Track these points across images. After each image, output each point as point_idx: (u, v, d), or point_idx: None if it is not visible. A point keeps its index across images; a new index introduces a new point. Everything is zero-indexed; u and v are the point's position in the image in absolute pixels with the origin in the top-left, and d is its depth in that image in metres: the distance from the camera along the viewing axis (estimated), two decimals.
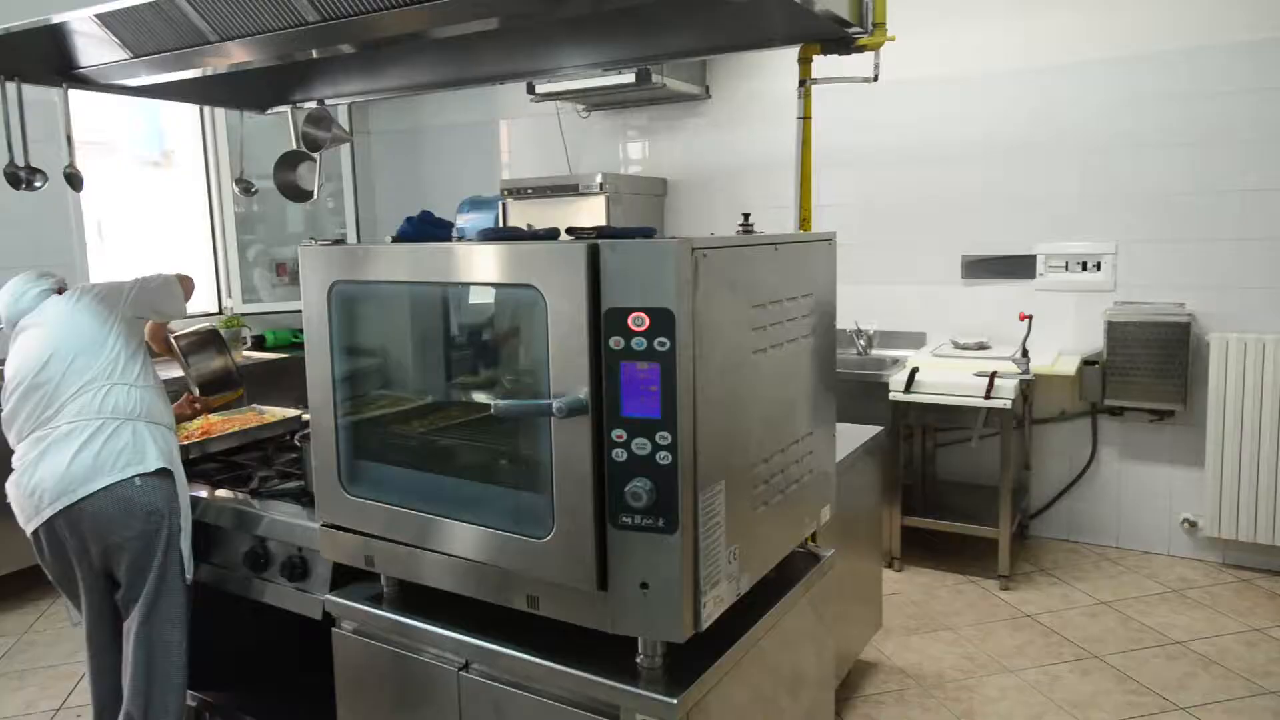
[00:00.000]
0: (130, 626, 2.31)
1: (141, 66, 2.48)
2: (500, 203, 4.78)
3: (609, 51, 2.66)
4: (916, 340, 4.57)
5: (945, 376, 3.80)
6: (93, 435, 2.24)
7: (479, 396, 1.82)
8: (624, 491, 1.49)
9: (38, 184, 3.03)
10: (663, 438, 1.47)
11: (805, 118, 2.34)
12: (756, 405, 1.73)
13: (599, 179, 4.57)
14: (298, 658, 2.84)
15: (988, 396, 3.63)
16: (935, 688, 3.06)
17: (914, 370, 3.82)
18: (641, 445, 1.48)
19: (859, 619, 2.99)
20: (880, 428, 3.04)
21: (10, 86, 2.78)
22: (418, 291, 1.81)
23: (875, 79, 2.31)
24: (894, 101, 4.40)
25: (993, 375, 3.65)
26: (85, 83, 2.80)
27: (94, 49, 2.43)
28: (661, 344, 1.46)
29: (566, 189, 4.66)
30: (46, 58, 2.55)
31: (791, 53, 2.38)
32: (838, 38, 2.22)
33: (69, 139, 3.16)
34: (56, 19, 2.12)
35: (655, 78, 4.46)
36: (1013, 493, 3.81)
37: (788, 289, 1.84)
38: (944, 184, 4.45)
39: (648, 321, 1.46)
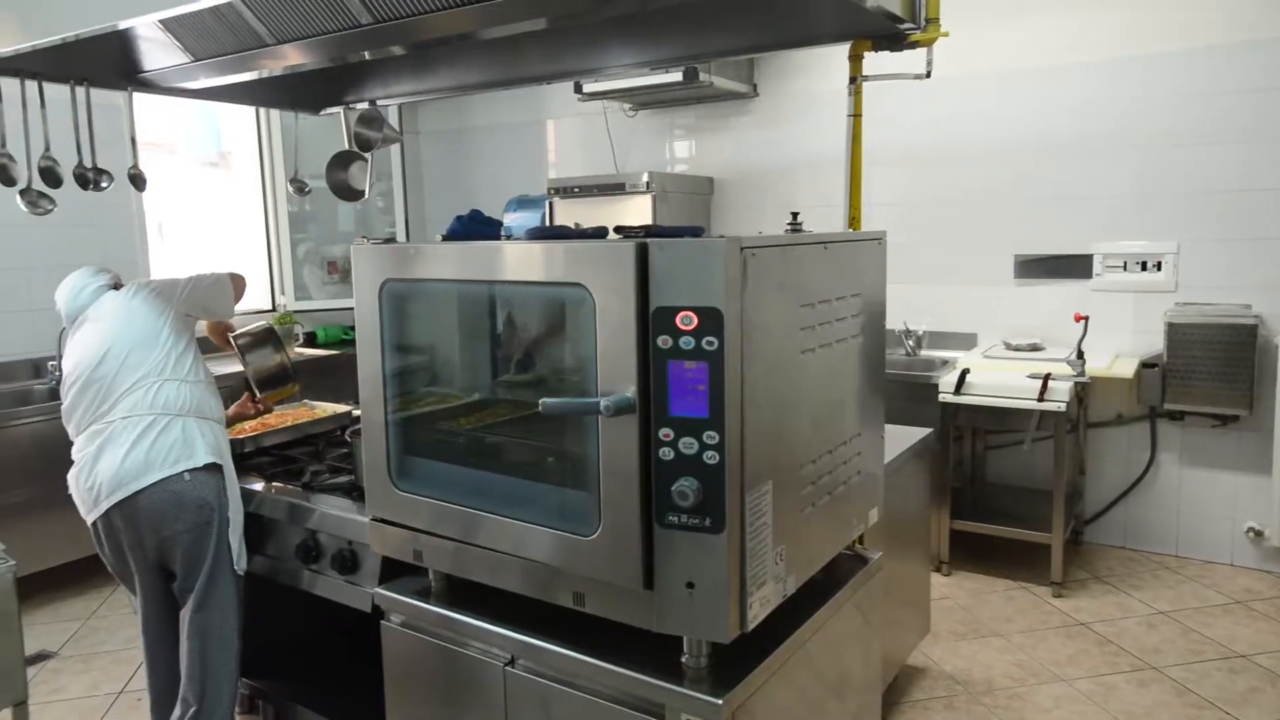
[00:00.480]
0: (185, 615, 2.38)
1: (201, 70, 2.55)
2: (547, 202, 4.81)
3: (657, 50, 2.65)
4: (967, 341, 4.49)
5: (997, 378, 3.72)
6: (145, 431, 2.30)
7: (526, 394, 1.83)
8: (670, 491, 1.48)
9: (104, 185, 3.12)
10: (710, 437, 1.47)
11: (855, 115, 2.31)
12: (804, 405, 1.71)
13: (645, 178, 4.56)
14: (348, 649, 2.89)
15: (1041, 399, 3.55)
16: (985, 694, 3.00)
17: (964, 371, 3.75)
18: (689, 445, 1.48)
19: (906, 623, 2.94)
20: (929, 430, 2.99)
21: (79, 91, 2.87)
22: (467, 289, 1.83)
23: (928, 75, 2.27)
24: (944, 98, 4.32)
25: (1046, 377, 3.56)
26: (148, 86, 2.88)
27: (157, 53, 2.50)
28: (709, 343, 1.45)
29: (613, 188, 4.67)
30: (113, 62, 2.63)
31: (841, 50, 2.35)
32: (890, 34, 2.19)
33: (133, 141, 3.26)
34: (123, 25, 2.19)
35: (703, 76, 4.44)
36: (1067, 497, 3.72)
37: (836, 288, 1.82)
38: (995, 181, 4.37)
39: (696, 320, 1.46)
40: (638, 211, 4.54)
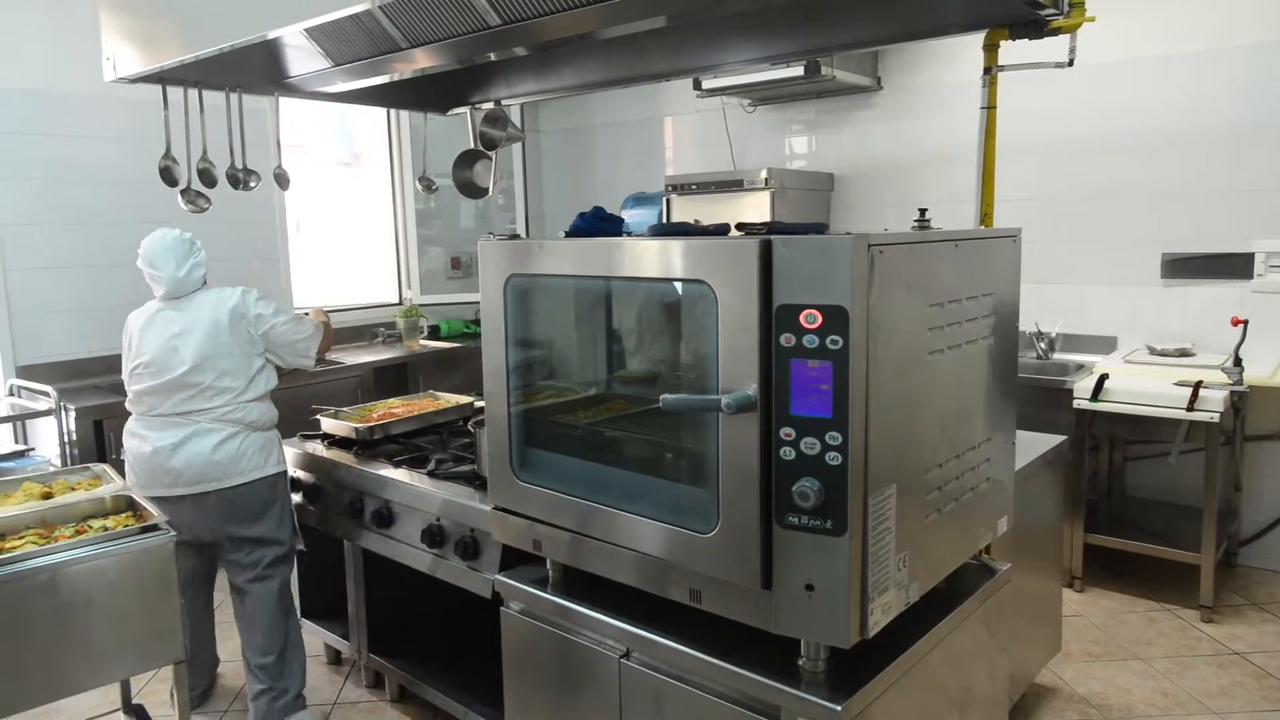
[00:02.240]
0: (250, 590, 2.79)
1: (339, 74, 2.68)
2: (664, 199, 4.82)
3: (778, 45, 2.62)
4: (1105, 345, 4.22)
5: (1140, 385, 3.49)
6: (228, 439, 2.69)
7: (644, 390, 1.84)
8: (791, 491, 1.46)
9: (253, 184, 3.34)
10: (833, 438, 1.44)
11: (990, 107, 2.21)
12: (931, 408, 1.65)
13: (764, 174, 4.51)
14: (468, 630, 2.99)
15: (1190, 408, 3.30)
16: None
17: (1103, 377, 3.53)
18: (810, 445, 1.45)
19: (1036, 640, 2.80)
20: (1063, 437, 2.83)
21: (233, 97, 3.07)
22: (588, 285, 1.86)
23: (1071, 63, 2.14)
24: (1082, 87, 4.08)
25: (1197, 385, 3.31)
26: (293, 90, 3.06)
27: (300, 59, 2.65)
28: (834, 342, 1.42)
29: (730, 184, 4.63)
30: (262, 69, 2.80)
31: (971, 40, 2.25)
32: (1029, 21, 2.08)
33: (278, 143, 3.47)
34: (271, 34, 2.33)
35: (825, 70, 4.35)
36: (1219, 515, 3.45)
37: (967, 288, 1.75)
38: (1139, 175, 4.09)
39: (820, 319, 1.43)
40: (755, 208, 4.49)
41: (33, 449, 3.68)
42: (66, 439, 3.73)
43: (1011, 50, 2.18)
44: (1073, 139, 4.24)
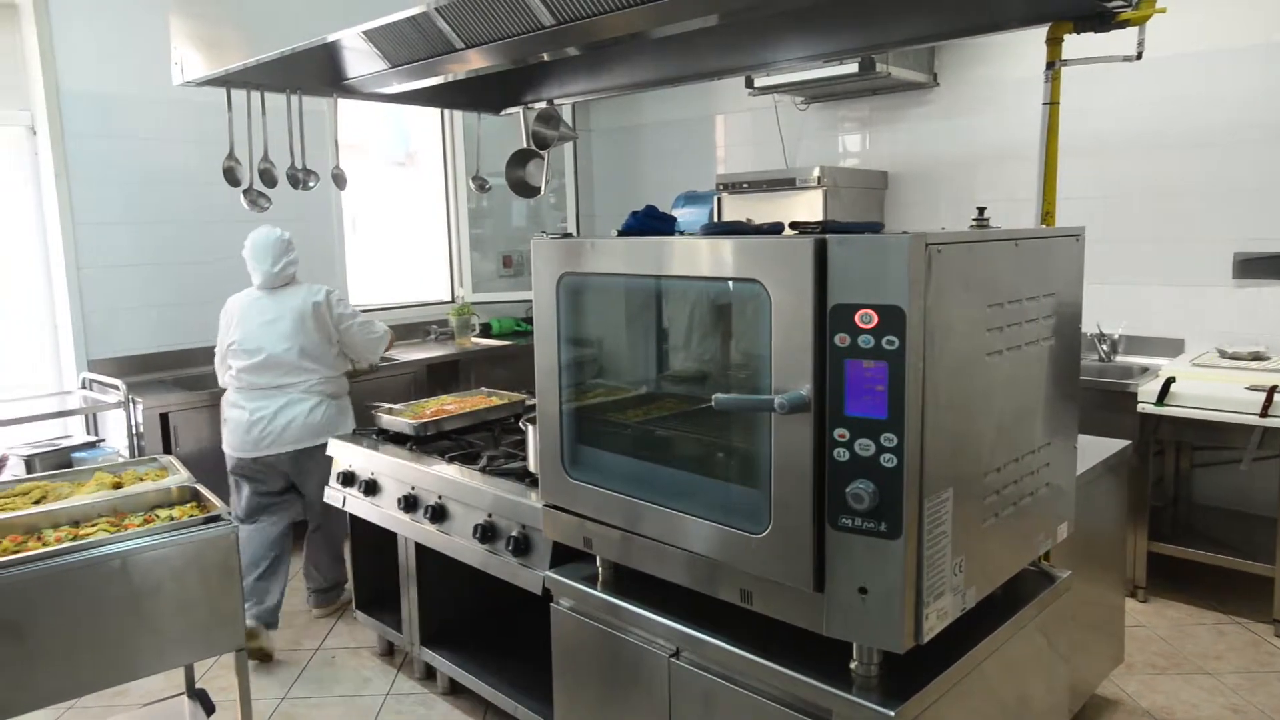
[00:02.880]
0: (315, 524, 3.55)
1: (396, 76, 2.73)
2: (715, 197, 4.81)
3: (833, 41, 2.59)
4: (1171, 347, 4.09)
5: (1209, 389, 3.37)
6: (315, 406, 3.38)
7: (696, 389, 1.84)
8: (845, 493, 1.44)
9: (311, 184, 3.42)
10: (888, 439, 1.41)
11: (1053, 103, 2.15)
12: (989, 411, 1.62)
13: (816, 172, 4.46)
14: (518, 625, 3.02)
15: (1264, 414, 3.18)
16: None
17: (1169, 380, 3.42)
18: (865, 446, 1.43)
19: (1097, 650, 2.72)
20: (1127, 442, 2.75)
21: (293, 99, 3.15)
22: (641, 284, 1.86)
23: (1139, 56, 2.08)
24: (1147, 80, 3.95)
25: (1272, 389, 3.19)
26: (351, 92, 3.12)
27: (358, 61, 2.70)
28: (890, 342, 1.40)
29: (782, 183, 4.59)
30: (321, 72, 2.87)
31: (1031, 34, 2.19)
32: (1095, 13, 2.02)
33: (336, 143, 3.54)
34: (330, 37, 2.38)
35: (879, 67, 4.29)
36: None
37: (1028, 288, 1.71)
38: (1209, 171, 3.94)
39: (876, 319, 1.41)
40: (808, 207, 4.45)
41: (103, 440, 3.81)
42: (134, 431, 3.86)
43: (1074, 44, 2.13)
44: (1138, 134, 4.11)
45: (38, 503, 2.34)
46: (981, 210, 1.76)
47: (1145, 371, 3.83)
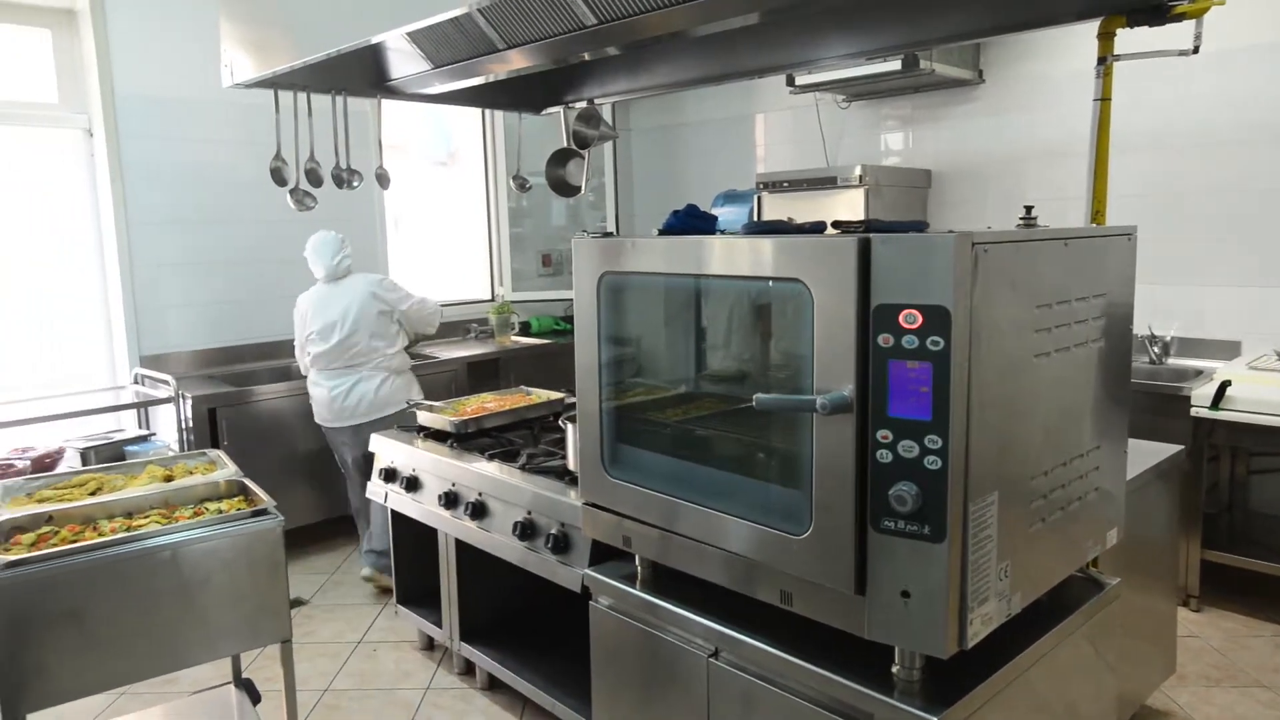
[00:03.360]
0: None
1: (438, 76, 2.76)
2: (755, 196, 4.78)
3: (876, 39, 2.56)
4: (1227, 350, 3.97)
5: (1267, 393, 3.27)
6: (383, 382, 3.83)
7: (736, 389, 1.83)
8: (888, 495, 1.43)
9: (356, 184, 3.47)
10: (932, 441, 1.40)
11: (1104, 99, 2.10)
12: (1036, 413, 1.59)
13: (858, 171, 4.42)
14: (556, 623, 3.04)
15: None
16: None
17: (1224, 384, 3.32)
18: (908, 448, 1.42)
19: (1147, 660, 2.66)
20: (1179, 447, 2.68)
21: (338, 100, 3.19)
22: (682, 283, 1.86)
23: (1195, 50, 2.02)
24: (1202, 74, 3.85)
25: None
26: (394, 93, 3.16)
27: (402, 62, 2.74)
28: (935, 343, 1.38)
29: (823, 182, 4.56)
30: (366, 73, 2.91)
31: (1080, 28, 2.14)
32: (1150, 6, 1.97)
33: (379, 143, 3.59)
34: (375, 39, 2.41)
35: (924, 64, 4.23)
36: None
37: (1077, 288, 1.68)
38: (1268, 168, 3.83)
39: (920, 319, 1.39)
40: (849, 205, 4.41)
41: (154, 434, 3.91)
42: (184, 425, 3.96)
43: (1127, 38, 2.07)
44: (1190, 131, 4.00)
45: (94, 494, 2.41)
46: (1029, 209, 1.73)
47: (1199, 375, 3.73)
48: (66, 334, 4.35)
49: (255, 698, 2.72)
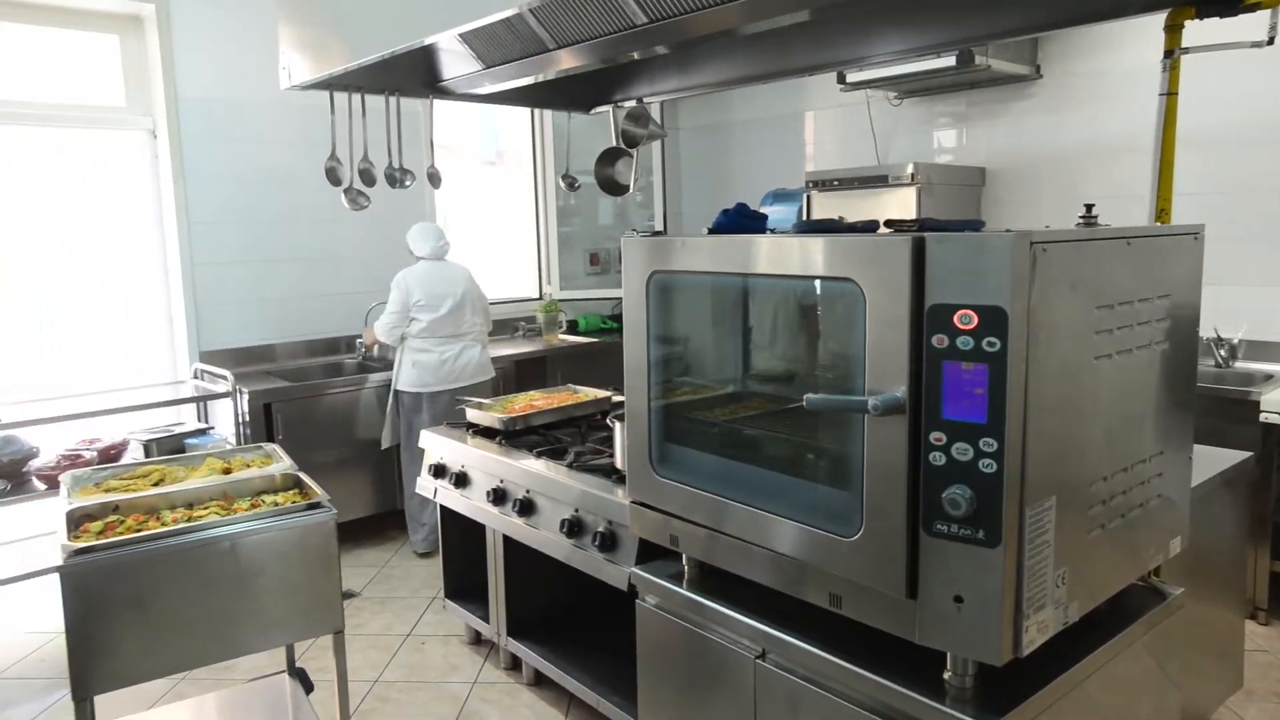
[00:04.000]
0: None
1: (489, 76, 2.78)
2: (804, 195, 4.74)
3: (930, 35, 2.51)
4: None
5: None
6: (483, 349, 4.37)
7: (786, 389, 1.81)
8: (941, 498, 1.40)
9: (408, 183, 3.52)
10: (987, 444, 1.37)
11: (1170, 94, 2.04)
12: (1096, 417, 1.55)
13: (910, 169, 4.35)
14: (603, 621, 3.05)
15: None
16: None
17: None
18: (963, 450, 1.39)
19: (1212, 674, 2.57)
20: (1248, 454, 2.58)
21: (391, 101, 3.25)
22: (731, 282, 1.85)
23: (1270, 42, 1.95)
24: (1271, 69, 3.70)
25: None
26: (446, 93, 3.20)
27: (454, 63, 2.77)
28: (991, 344, 1.35)
29: (874, 180, 4.49)
30: (418, 73, 2.95)
31: (1143, 21, 2.08)
32: None
33: (431, 143, 3.64)
34: (427, 40, 2.45)
35: (979, 59, 4.14)
36: None
37: (1140, 289, 1.63)
38: None
39: (976, 320, 1.36)
40: (900, 204, 4.34)
41: (212, 427, 4.02)
42: (240, 419, 4.06)
43: (1194, 30, 2.01)
44: (1260, 126, 3.86)
45: (156, 485, 2.48)
46: (1089, 207, 1.68)
47: (1269, 379, 3.59)
48: (130, 330, 4.50)
49: (308, 687, 2.78)
